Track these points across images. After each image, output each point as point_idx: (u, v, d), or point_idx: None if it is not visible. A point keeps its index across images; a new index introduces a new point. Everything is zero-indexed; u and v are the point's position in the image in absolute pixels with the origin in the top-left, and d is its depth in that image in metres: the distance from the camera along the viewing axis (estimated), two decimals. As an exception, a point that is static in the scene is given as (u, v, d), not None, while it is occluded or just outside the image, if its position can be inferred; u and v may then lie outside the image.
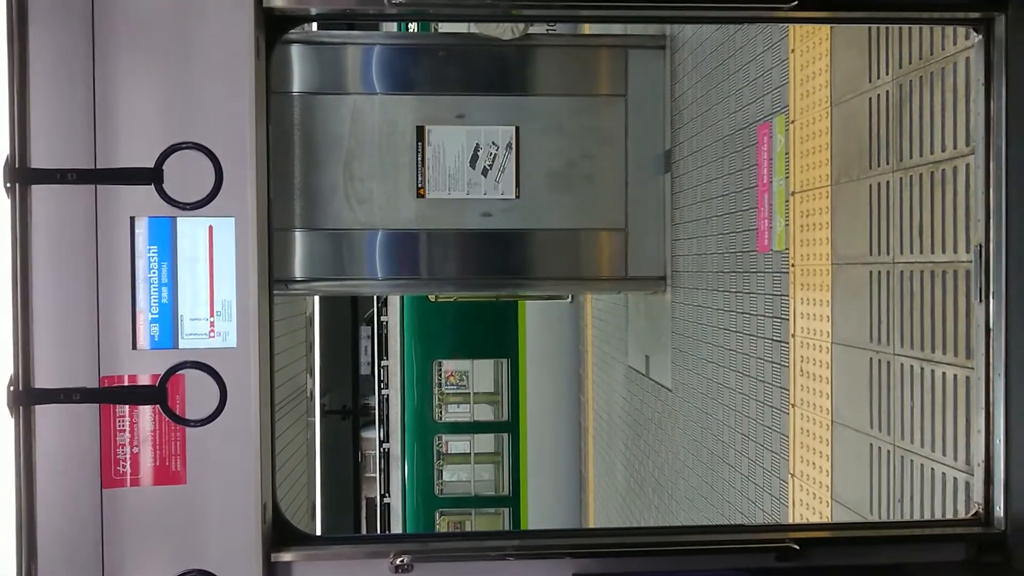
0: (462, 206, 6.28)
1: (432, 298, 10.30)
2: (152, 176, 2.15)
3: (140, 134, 2.19)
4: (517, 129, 6.32)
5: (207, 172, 2.20)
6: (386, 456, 11.22)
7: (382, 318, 11.13)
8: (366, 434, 15.25)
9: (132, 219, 2.20)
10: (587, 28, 9.27)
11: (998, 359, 2.41)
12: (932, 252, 3.06)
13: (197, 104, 2.21)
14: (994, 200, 2.42)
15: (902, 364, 3.24)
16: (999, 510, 2.41)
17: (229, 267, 2.24)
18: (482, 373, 11.82)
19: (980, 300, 2.46)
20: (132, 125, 2.19)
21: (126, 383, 2.20)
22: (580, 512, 11.31)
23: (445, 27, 9.62)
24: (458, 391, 12.18)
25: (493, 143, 6.32)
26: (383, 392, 11.22)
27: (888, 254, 3.35)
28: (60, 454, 2.18)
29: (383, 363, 11.13)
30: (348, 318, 14.97)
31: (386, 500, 11.24)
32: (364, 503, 15.93)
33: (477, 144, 6.31)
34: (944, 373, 2.97)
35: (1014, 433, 2.39)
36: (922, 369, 3.11)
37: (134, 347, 2.21)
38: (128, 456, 2.21)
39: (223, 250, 2.24)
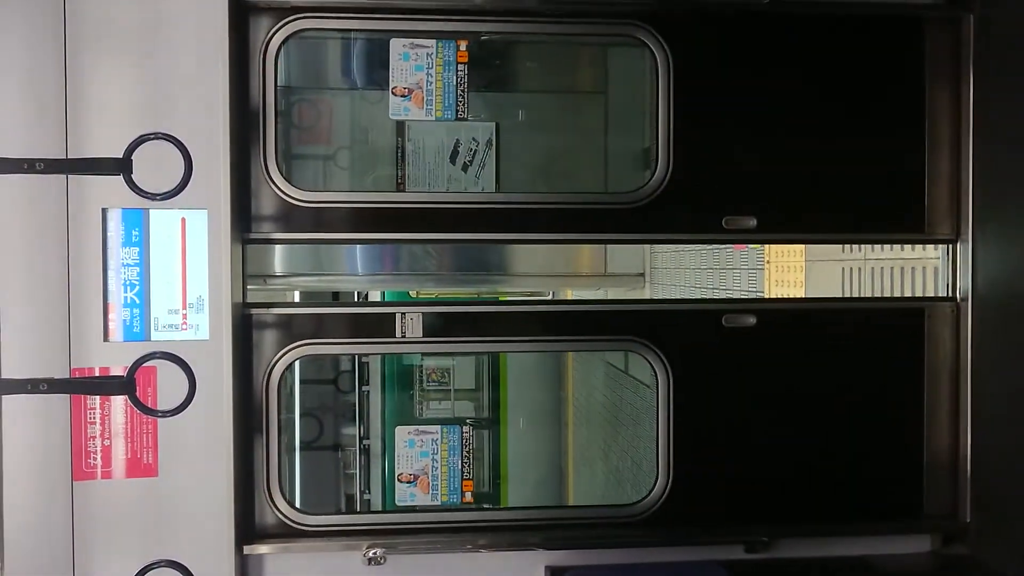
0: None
1: (413, 294, 10.26)
2: (121, 166, 2.14)
3: (112, 124, 2.17)
4: (497, 125, 6.31)
5: (179, 163, 2.19)
6: (366, 452, 11.18)
7: (363, 314, 11.07)
8: (346, 431, 15.18)
9: (104, 210, 2.19)
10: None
11: None
12: (902, 249, 3.10)
13: (169, 95, 2.20)
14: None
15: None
16: (966, 504, 2.46)
17: (202, 260, 2.23)
18: (464, 370, 11.80)
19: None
20: (103, 115, 2.17)
21: (97, 375, 2.19)
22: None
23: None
24: (439, 388, 12.16)
25: (473, 139, 6.31)
26: (363, 388, 11.17)
27: (860, 250, 3.38)
28: (29, 446, 2.17)
29: (363, 359, 11.07)
30: (329, 314, 14.90)
31: (366, 496, 11.21)
32: (344, 499, 15.87)
33: (457, 140, 6.30)
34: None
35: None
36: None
37: (106, 339, 2.21)
38: (99, 448, 2.20)
39: (196, 243, 2.23)
